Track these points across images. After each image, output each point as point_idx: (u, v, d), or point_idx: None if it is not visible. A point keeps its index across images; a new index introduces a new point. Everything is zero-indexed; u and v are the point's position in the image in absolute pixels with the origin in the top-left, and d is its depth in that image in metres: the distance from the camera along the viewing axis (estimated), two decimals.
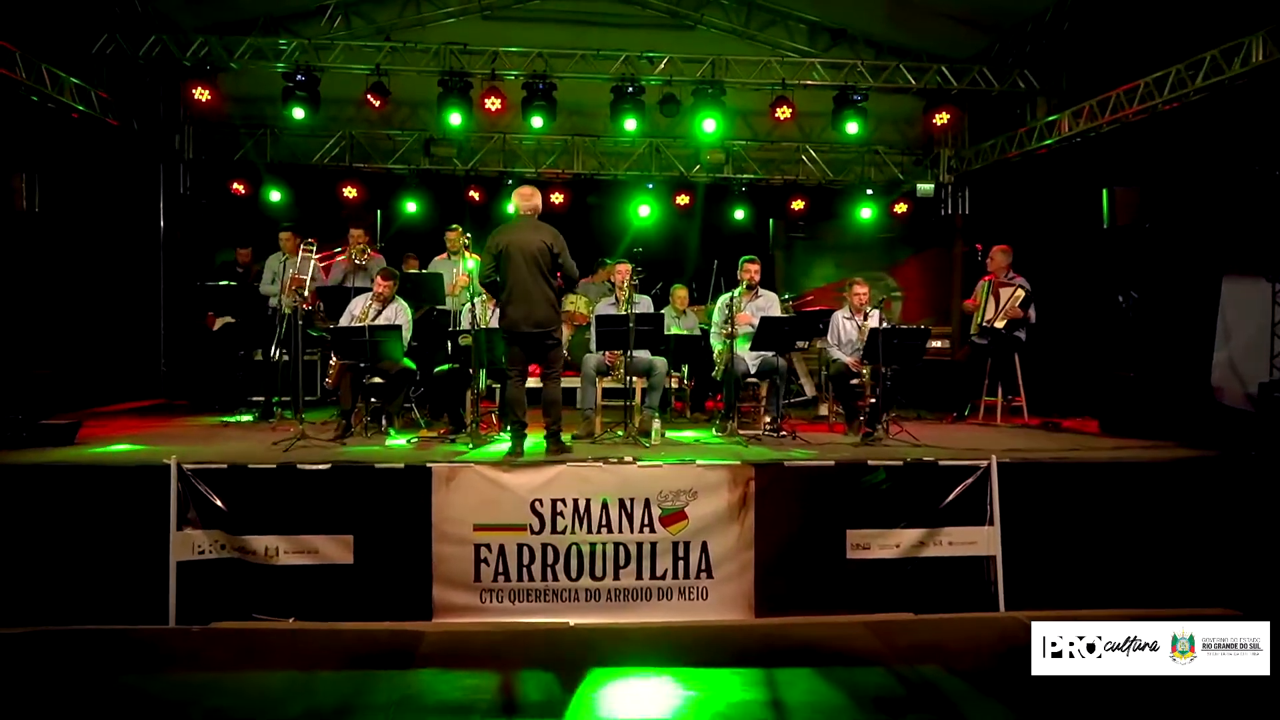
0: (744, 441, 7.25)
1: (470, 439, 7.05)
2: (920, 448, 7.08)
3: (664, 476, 6.13)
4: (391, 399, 7.74)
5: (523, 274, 6.37)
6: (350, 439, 7.27)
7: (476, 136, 12.57)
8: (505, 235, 6.45)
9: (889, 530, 6.20)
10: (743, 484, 6.17)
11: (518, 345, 6.46)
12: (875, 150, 13.23)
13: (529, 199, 6.61)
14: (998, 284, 9.19)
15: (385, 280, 7.78)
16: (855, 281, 8.11)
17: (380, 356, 7.36)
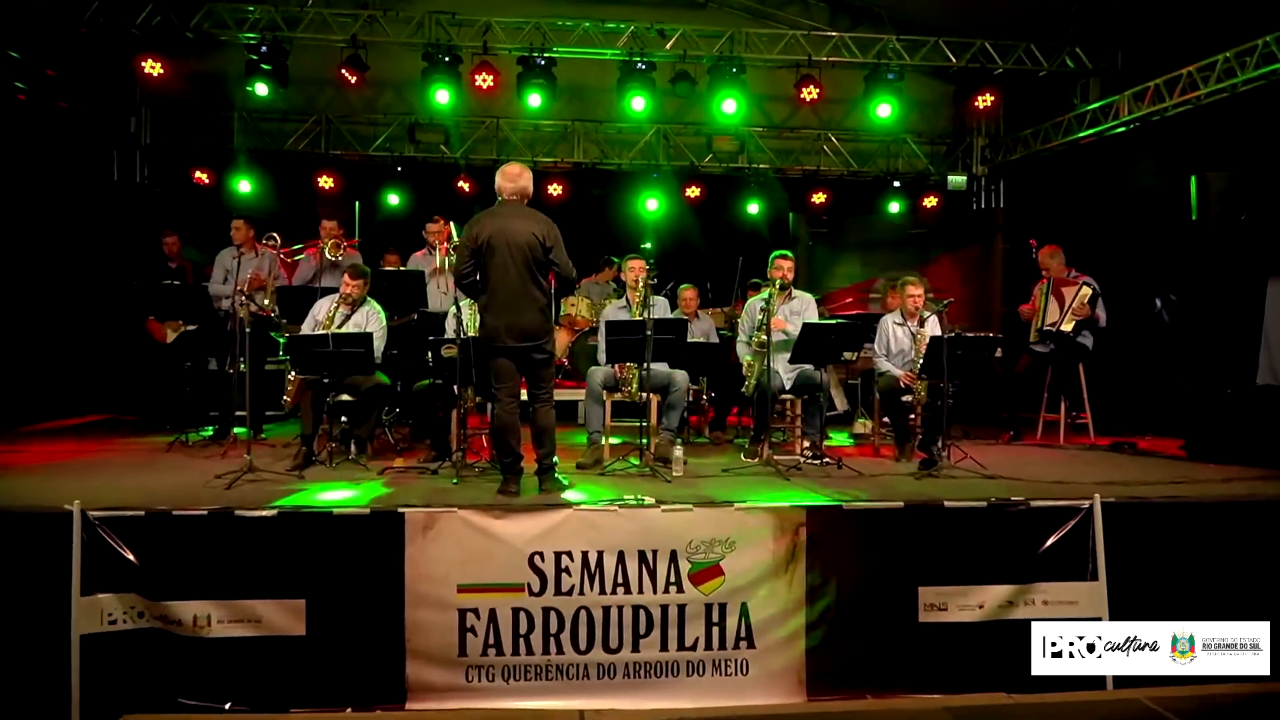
0: (781, 471, 6.07)
1: (456, 470, 5.85)
2: (994, 480, 5.93)
3: (694, 523, 4.94)
4: (362, 421, 6.54)
5: (508, 273, 5.19)
6: (312, 470, 6.07)
7: (466, 122, 11.38)
8: (486, 224, 5.27)
9: (970, 588, 5.02)
10: (791, 531, 4.99)
11: (503, 359, 5.27)
12: (902, 139, 12.07)
13: (515, 179, 5.41)
14: (1059, 283, 8.03)
15: (354, 279, 6.58)
16: (909, 281, 6.93)
17: (347, 370, 6.16)
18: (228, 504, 4.87)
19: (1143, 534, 5.12)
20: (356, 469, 6.16)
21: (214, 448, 7.22)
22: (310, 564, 4.73)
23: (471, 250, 5.23)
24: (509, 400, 5.28)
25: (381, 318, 6.73)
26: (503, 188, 5.39)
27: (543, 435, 5.35)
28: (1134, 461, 7.01)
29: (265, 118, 11.24)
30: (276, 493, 5.30)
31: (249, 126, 11.24)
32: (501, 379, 5.27)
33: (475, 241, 5.22)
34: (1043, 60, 10.05)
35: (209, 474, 5.80)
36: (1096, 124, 9.80)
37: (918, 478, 5.98)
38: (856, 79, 10.46)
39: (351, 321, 6.61)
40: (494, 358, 5.26)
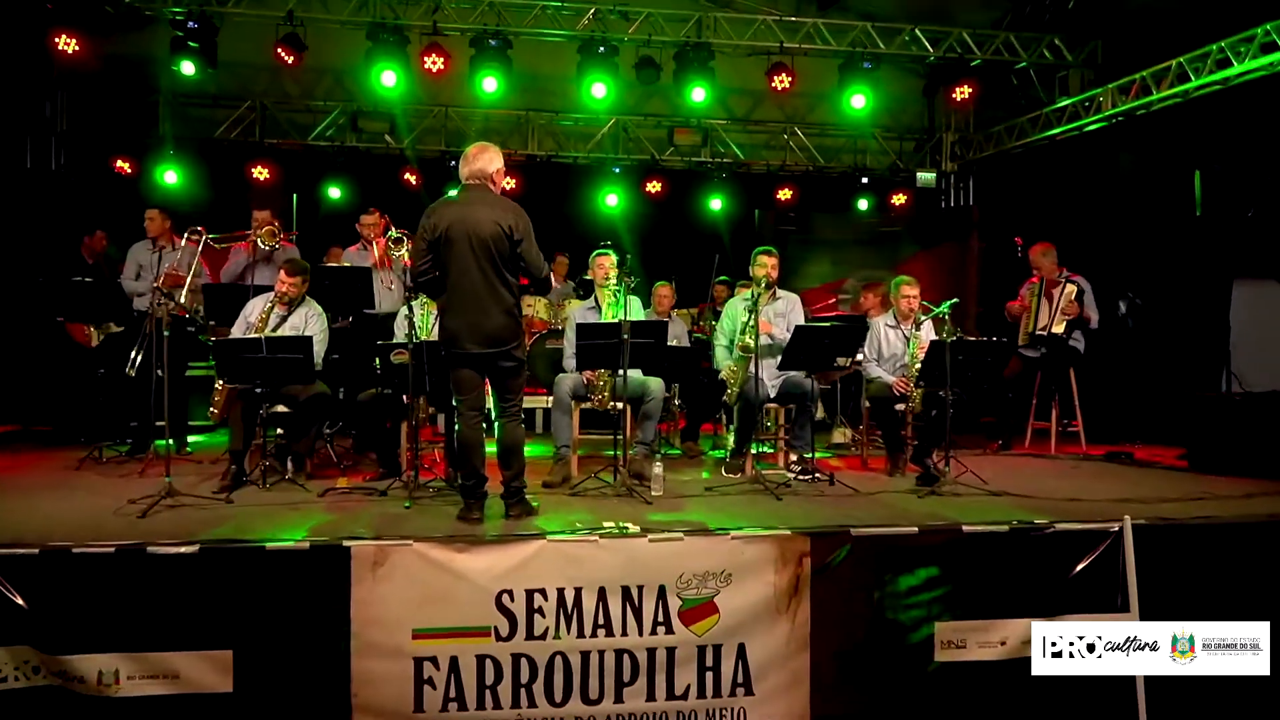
0: (770, 488, 5.49)
1: (409, 491, 5.18)
2: (1001, 498, 5.44)
3: (685, 554, 4.34)
4: (300, 435, 5.82)
5: (468, 269, 4.54)
6: (242, 492, 5.34)
7: (414, 110, 10.66)
8: (446, 214, 4.61)
9: (991, 622, 4.49)
10: (794, 562, 4.42)
11: (465, 368, 4.62)
12: (870, 134, 11.63)
13: (472, 161, 4.74)
14: (1050, 284, 7.59)
15: (291, 276, 5.86)
16: (904, 281, 6.41)
17: (283, 379, 5.44)
18: (141, 537, 4.15)
19: (1174, 559, 4.64)
20: (294, 490, 5.45)
21: (131, 464, 6.45)
22: (239, 608, 4.03)
23: (429, 243, 4.56)
24: (472, 414, 4.62)
25: (323, 319, 6.03)
26: (462, 172, 4.74)
27: (510, 454, 4.70)
28: (1139, 474, 6.57)
29: (194, 103, 10.41)
30: (200, 522, 4.57)
31: (176, 113, 10.40)
32: (463, 390, 4.61)
33: (433, 233, 4.56)
34: (1021, 51, 9.65)
35: (122, 498, 5.05)
36: (1077, 118, 9.42)
37: (920, 495, 5.45)
38: (823, 70, 10.02)
39: (288, 324, 5.90)
40: (455, 366, 4.60)
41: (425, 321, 5.82)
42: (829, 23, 9.48)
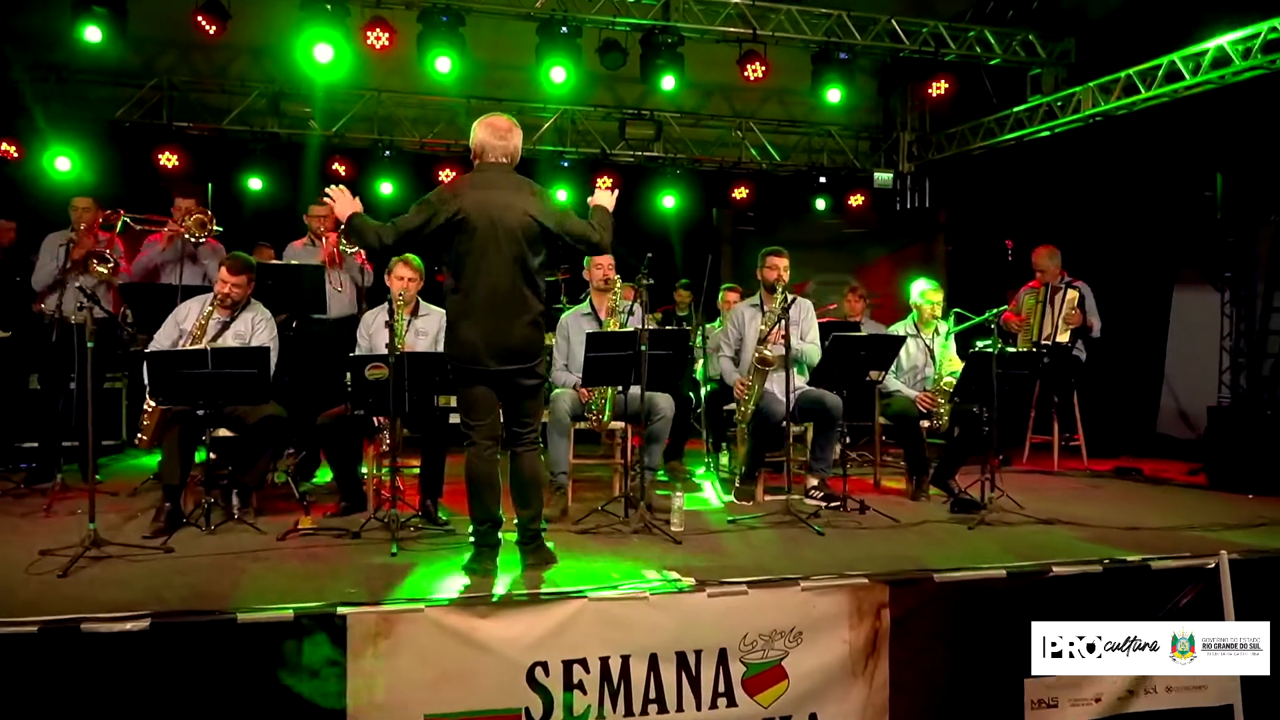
0: (802, 519, 4.84)
1: (391, 532, 4.33)
2: (1053, 526, 4.92)
3: (750, 609, 3.64)
4: (249, 465, 4.88)
5: (491, 266, 3.76)
6: (181, 535, 4.40)
7: (342, 95, 9.67)
8: (465, 194, 3.80)
9: (1083, 676, 3.94)
10: (871, 614, 3.77)
11: (480, 387, 3.82)
12: (827, 132, 11.15)
13: (506, 135, 3.98)
14: (1051, 290, 7.16)
15: (234, 274, 4.92)
16: (929, 286, 5.84)
17: (231, 398, 4.52)
18: (69, 607, 3.23)
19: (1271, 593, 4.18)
20: (245, 533, 4.53)
21: (34, 497, 5.41)
22: (202, 698, 3.15)
23: (436, 227, 3.74)
24: (486, 444, 3.81)
25: (272, 326, 5.12)
26: (487, 145, 3.93)
27: (528, 490, 3.91)
28: (1166, 493, 6.19)
29: (91, 81, 9.17)
30: (139, 581, 3.66)
31: (69, 90, 9.14)
32: (477, 413, 3.80)
33: (447, 213, 3.75)
34: (995, 47, 9.27)
35: (31, 547, 4.08)
36: (1052, 118, 9.09)
37: (971, 526, 4.87)
38: (779, 63, 9.44)
39: (231, 331, 4.97)
40: (468, 384, 3.78)
41: (401, 327, 4.96)
42: (803, 10, 8.90)
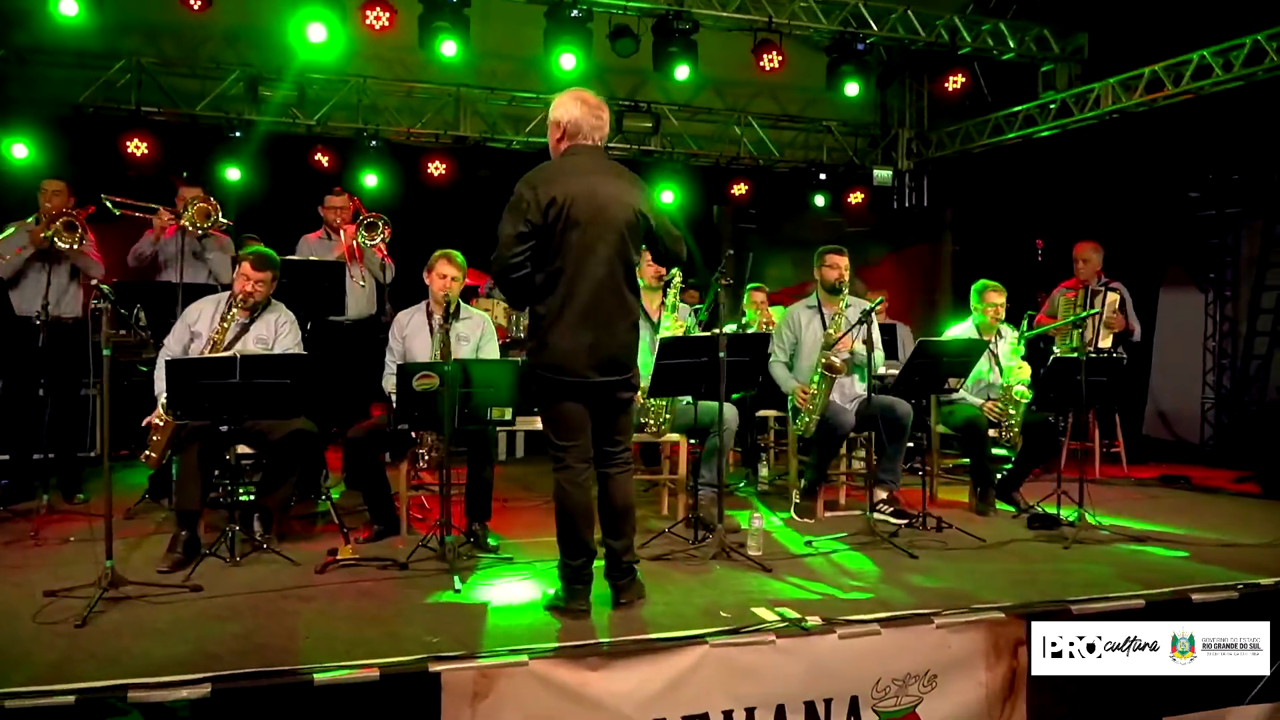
0: (884, 537, 4.45)
1: (450, 562, 3.84)
2: (1147, 543, 4.60)
3: (884, 651, 3.24)
4: (274, 486, 4.34)
5: (595, 265, 3.29)
6: (205, 569, 3.85)
7: (324, 81, 9.08)
8: (567, 185, 3.30)
9: (1216, 712, 3.64)
10: (1008, 652, 3.40)
11: (574, 403, 3.36)
12: (825, 128, 10.84)
13: (600, 112, 3.47)
14: (1092, 293, 6.86)
15: (258, 270, 4.37)
16: (991, 287, 5.50)
17: (260, 412, 3.98)
18: (104, 669, 2.70)
19: None
20: (277, 564, 4.00)
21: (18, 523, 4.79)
22: None
23: (535, 226, 3.26)
24: (581, 466, 3.33)
25: (296, 330, 4.58)
26: (583, 124, 3.42)
27: (621, 517, 3.44)
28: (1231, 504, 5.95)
29: (51, 63, 8.45)
30: (175, 630, 3.13)
31: (29, 72, 8.42)
32: (571, 432, 3.33)
33: (547, 209, 3.25)
34: (1010, 40, 9.01)
35: (33, 589, 3.52)
36: (1067, 114, 8.87)
37: (1066, 545, 4.53)
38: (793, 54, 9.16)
39: (252, 335, 4.42)
40: (561, 399, 3.31)
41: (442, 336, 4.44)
42: None
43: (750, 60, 8.46)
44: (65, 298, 5.18)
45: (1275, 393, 8.31)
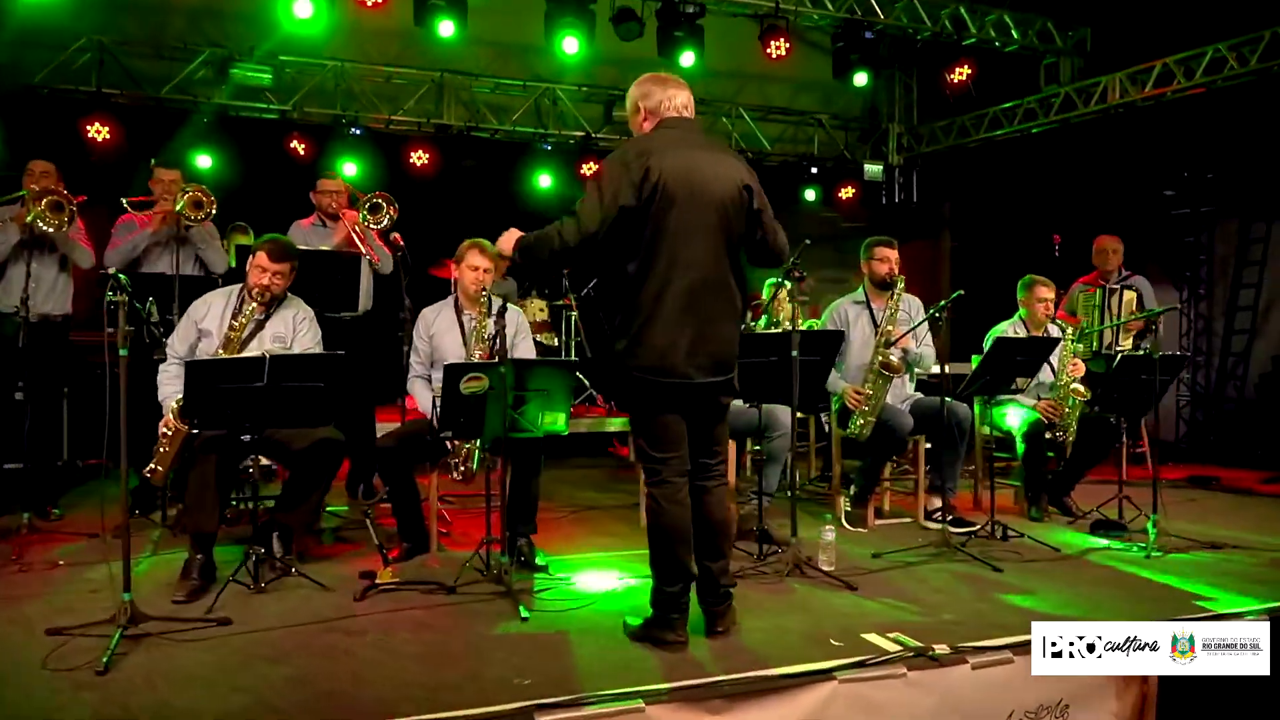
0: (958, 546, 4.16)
1: (506, 584, 3.46)
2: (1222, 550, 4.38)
3: (1014, 682, 2.93)
4: (296, 502, 3.88)
5: (695, 248, 2.92)
6: (228, 599, 3.39)
7: (299, 65, 8.58)
8: (659, 156, 2.90)
9: None
10: (1137, 680, 3.12)
11: (675, 408, 2.98)
12: (816, 121, 10.60)
13: (681, 85, 3.11)
14: (1109, 291, 6.65)
15: (276, 261, 3.91)
16: (1039, 282, 5.24)
17: (289, 419, 3.53)
18: None
19: None
20: (307, 590, 3.55)
21: None
22: None
23: (626, 207, 2.86)
24: (681, 481, 2.96)
25: (315, 327, 4.13)
26: (663, 100, 3.05)
27: (720, 535, 3.07)
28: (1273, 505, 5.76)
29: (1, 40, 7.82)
30: (217, 675, 2.69)
31: None
32: (670, 442, 2.95)
33: (641, 184, 2.86)
34: (1014, 32, 8.83)
35: (28, 623, 3.07)
36: (1071, 108, 8.73)
37: (1147, 554, 4.28)
38: None
39: (268, 333, 3.96)
40: (659, 405, 2.93)
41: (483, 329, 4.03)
42: None
43: (737, 50, 8.15)
44: (53, 292, 4.66)
45: (1253, 390, 8.31)
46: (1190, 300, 8.96)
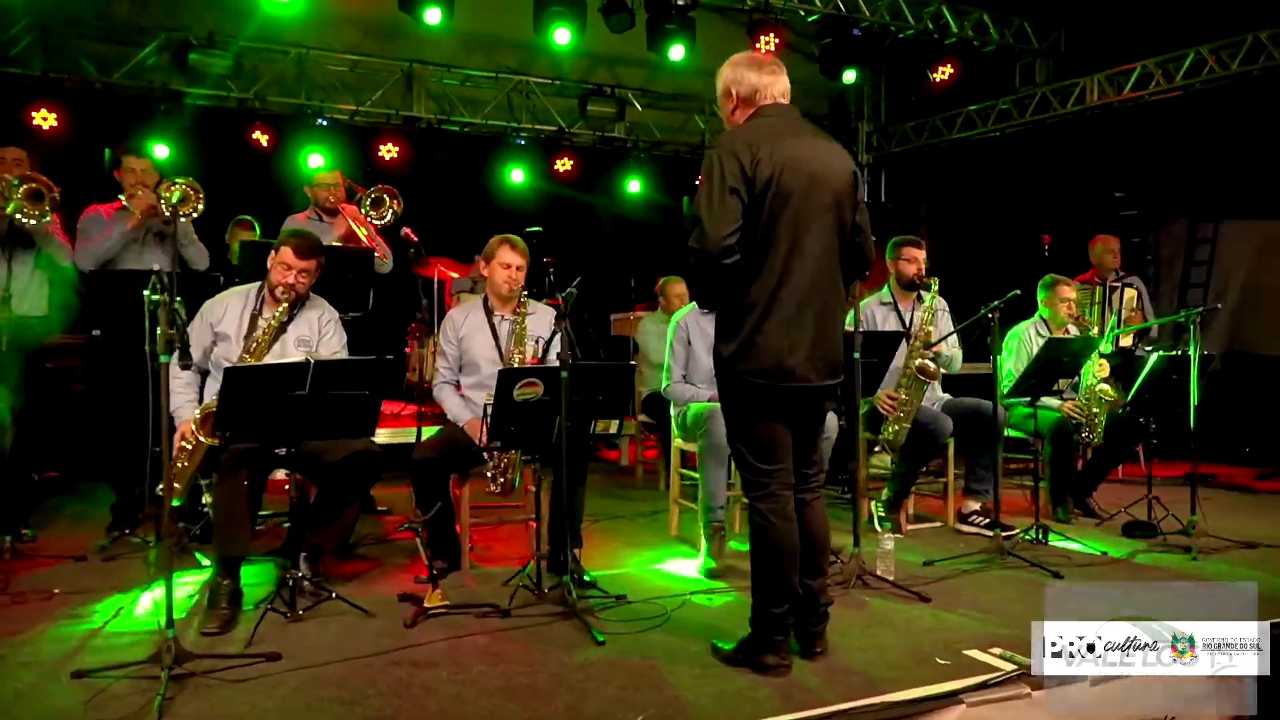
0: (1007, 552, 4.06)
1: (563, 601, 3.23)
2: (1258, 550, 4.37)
3: (1128, 699, 2.84)
4: (328, 519, 3.57)
5: (809, 246, 2.73)
6: (267, 631, 3.09)
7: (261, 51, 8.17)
8: (768, 145, 2.69)
9: None
10: (1233, 695, 3.03)
11: (789, 415, 2.80)
12: None
13: (777, 70, 2.90)
14: (1110, 289, 6.69)
15: (303, 258, 3.60)
16: (1061, 281, 5.19)
17: (329, 430, 3.24)
18: None
19: None
20: (344, 614, 3.27)
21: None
22: None
23: (745, 203, 2.66)
24: (787, 494, 2.77)
25: (341, 329, 3.83)
26: (759, 85, 2.85)
27: (821, 552, 2.89)
28: None
29: None
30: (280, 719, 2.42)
31: None
32: (778, 452, 2.76)
33: (754, 179, 2.66)
34: (993, 31, 8.85)
35: (42, 667, 2.75)
36: (1046, 109, 8.79)
37: (1194, 556, 4.24)
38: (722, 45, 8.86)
39: (292, 336, 3.65)
40: (773, 411, 2.73)
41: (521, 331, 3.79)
42: None
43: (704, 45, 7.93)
44: (28, 292, 4.25)
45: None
46: None
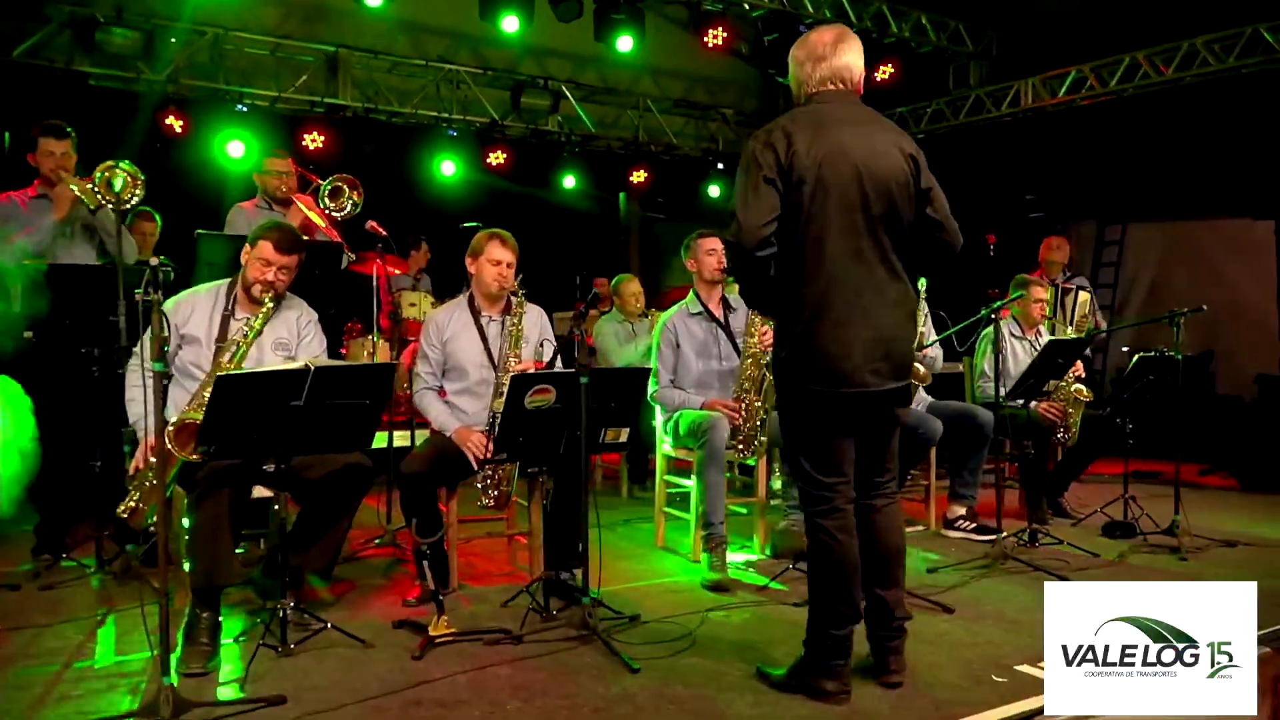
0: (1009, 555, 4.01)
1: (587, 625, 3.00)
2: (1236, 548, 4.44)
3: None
4: (312, 539, 3.24)
5: (855, 240, 2.56)
6: (258, 665, 2.76)
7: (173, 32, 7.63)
8: (812, 134, 2.53)
9: None
10: (1269, 690, 3.01)
11: (851, 423, 2.63)
12: (721, 116, 10.46)
13: (842, 51, 2.66)
14: (1063, 291, 6.77)
15: (285, 253, 3.26)
16: (1034, 282, 5.18)
17: (323, 443, 2.93)
18: None
19: None
20: (341, 646, 2.96)
21: None
22: None
23: (778, 191, 2.50)
24: (850, 508, 2.60)
25: (320, 331, 3.51)
26: (821, 65, 2.66)
27: (894, 562, 2.71)
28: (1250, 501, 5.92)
29: None
30: None
31: None
32: (841, 463, 2.59)
33: (789, 169, 2.50)
34: (931, 33, 8.92)
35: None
36: (981, 111, 8.93)
37: (1183, 556, 4.26)
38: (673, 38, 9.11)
39: (269, 339, 3.31)
40: (832, 420, 2.56)
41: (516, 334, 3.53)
42: None
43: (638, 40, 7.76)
44: None
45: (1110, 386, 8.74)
46: None
